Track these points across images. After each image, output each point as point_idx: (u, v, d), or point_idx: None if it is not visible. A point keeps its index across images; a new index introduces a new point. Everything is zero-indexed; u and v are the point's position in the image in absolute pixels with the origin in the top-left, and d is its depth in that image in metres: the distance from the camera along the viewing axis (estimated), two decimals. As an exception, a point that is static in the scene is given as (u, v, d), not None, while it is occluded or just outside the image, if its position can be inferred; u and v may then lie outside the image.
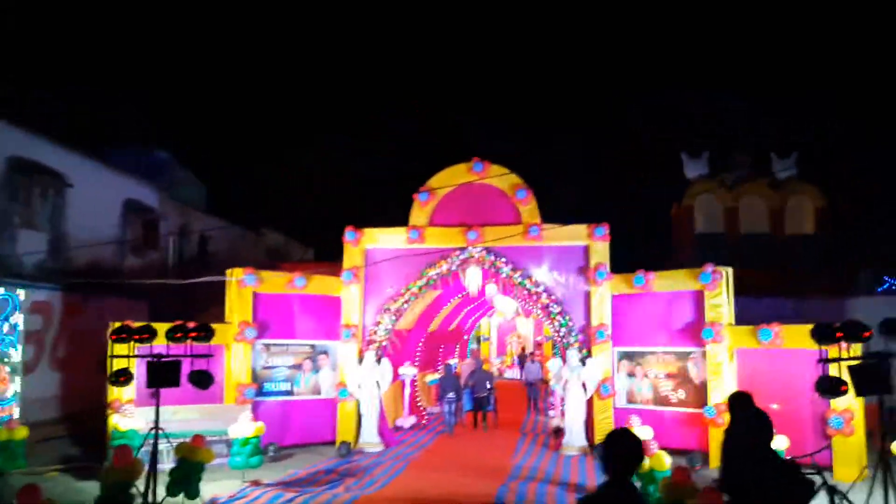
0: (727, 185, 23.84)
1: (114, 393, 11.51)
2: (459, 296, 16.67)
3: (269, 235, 29.39)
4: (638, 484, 8.51)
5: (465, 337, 27.33)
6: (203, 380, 8.51)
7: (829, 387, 7.14)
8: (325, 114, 49.33)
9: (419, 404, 18.30)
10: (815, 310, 18.90)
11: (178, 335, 8.62)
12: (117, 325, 11.17)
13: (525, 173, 14.72)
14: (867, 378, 7.17)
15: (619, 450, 3.68)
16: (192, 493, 8.68)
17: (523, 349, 30.28)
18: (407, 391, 17.13)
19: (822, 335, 7.26)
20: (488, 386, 16.57)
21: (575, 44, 51.12)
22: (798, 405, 11.67)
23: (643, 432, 10.19)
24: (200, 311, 16.13)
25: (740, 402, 5.44)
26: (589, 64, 50.93)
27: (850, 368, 7.25)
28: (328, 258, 21.12)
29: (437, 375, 20.60)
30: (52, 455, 12.51)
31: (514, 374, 29.50)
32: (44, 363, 15.12)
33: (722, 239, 23.12)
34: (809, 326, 11.81)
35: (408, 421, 16.70)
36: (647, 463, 8.24)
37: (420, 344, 17.83)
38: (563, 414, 15.80)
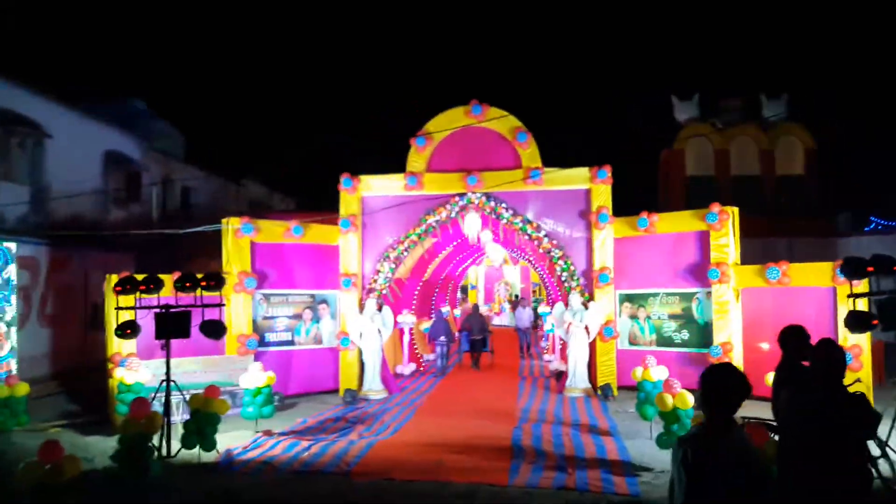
0: (718, 128, 23.68)
1: (114, 346, 11.21)
2: (454, 243, 16.47)
3: (251, 187, 28.75)
4: (661, 423, 8.52)
5: (456, 285, 27.35)
6: (216, 329, 8.29)
7: (860, 321, 7.10)
8: (310, 57, 48.02)
9: (416, 352, 18.25)
10: (806, 250, 19.08)
11: (188, 285, 8.30)
12: (115, 277, 10.81)
13: (524, 116, 14.38)
14: (893, 313, 7.17)
15: (722, 386, 3.38)
16: (208, 444, 8.51)
17: (516, 296, 30.33)
18: (406, 339, 17.04)
19: (853, 270, 7.18)
20: (485, 328, 17.88)
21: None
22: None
23: (659, 372, 10.19)
24: (185, 262, 15.75)
25: (794, 335, 5.32)
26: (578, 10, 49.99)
27: (879, 303, 7.24)
28: (310, 209, 20.75)
29: (430, 323, 20.66)
30: (52, 411, 12.25)
31: (501, 320, 29.55)
32: (33, 319, 14.73)
33: (713, 181, 23.08)
34: (815, 264, 12.03)
35: (408, 368, 16.68)
36: (670, 401, 8.21)
37: (416, 292, 17.69)
38: (563, 357, 15.91)
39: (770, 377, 10.06)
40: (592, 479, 7.81)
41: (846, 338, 10.74)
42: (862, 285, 10.16)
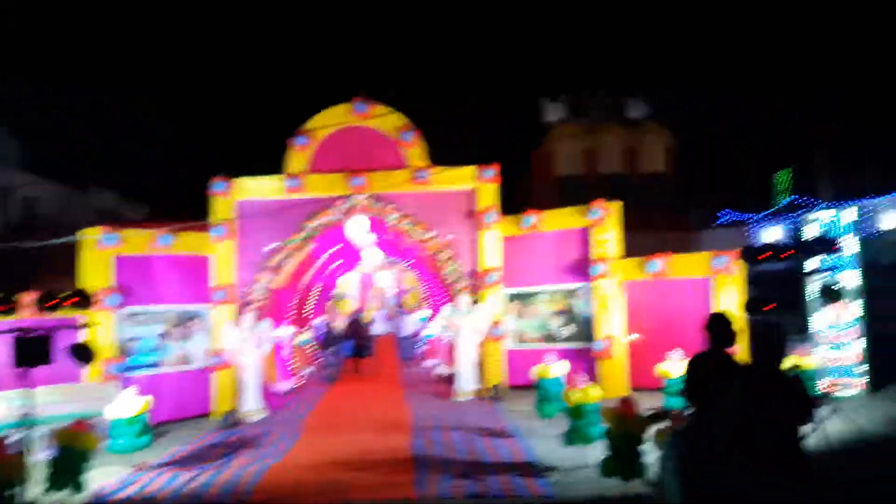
0: (585, 128, 24.58)
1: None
2: (334, 248, 15.86)
3: (101, 194, 26.46)
4: (568, 418, 8.44)
5: (328, 293, 26.51)
6: (87, 353, 7.26)
7: (755, 306, 7.38)
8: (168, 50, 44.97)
9: (295, 366, 17.39)
10: (670, 243, 20.13)
11: (50, 304, 7.23)
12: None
13: (410, 114, 14.04)
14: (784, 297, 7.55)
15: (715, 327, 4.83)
16: (77, 485, 7.44)
17: (399, 305, 29.83)
18: (283, 353, 16.16)
19: (750, 256, 7.48)
20: (367, 334, 18.34)
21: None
22: (684, 332, 12.18)
23: (560, 368, 10.19)
24: (32, 282, 14.09)
25: (719, 322, 5.28)
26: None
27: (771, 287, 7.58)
28: (168, 216, 19.25)
29: (308, 335, 19.83)
30: None
31: (377, 329, 28.97)
32: None
33: (582, 180, 23.90)
34: (693, 255, 12.58)
35: (286, 384, 15.79)
36: (574, 397, 8.16)
37: (294, 302, 16.88)
38: (448, 360, 15.74)
39: (661, 367, 10.43)
40: (504, 483, 7.59)
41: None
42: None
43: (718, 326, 4.98)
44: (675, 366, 10.12)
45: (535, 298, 13.83)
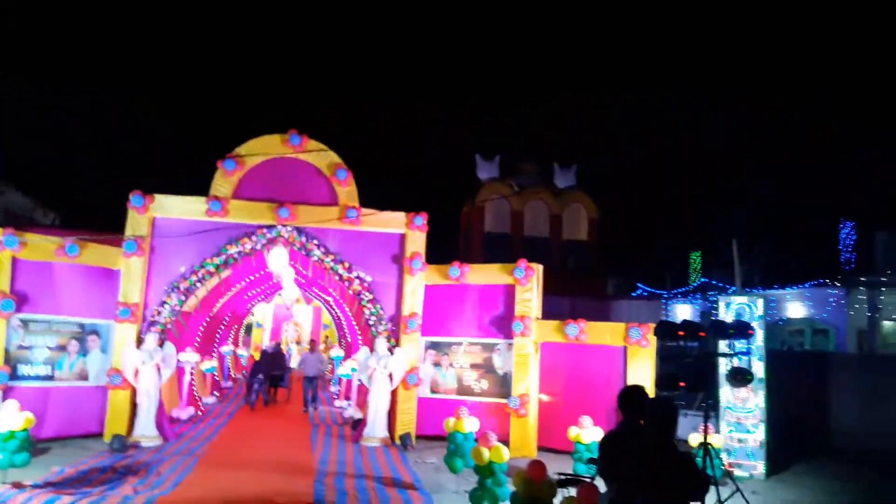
0: (515, 190, 25.14)
1: None
2: (250, 277, 15.38)
3: (11, 195, 24.92)
4: (476, 478, 8.29)
5: (240, 322, 25.61)
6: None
7: (667, 383, 7.51)
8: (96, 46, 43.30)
9: (196, 394, 16.57)
10: (586, 309, 20.59)
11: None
12: None
13: (346, 155, 13.98)
14: (694, 374, 7.73)
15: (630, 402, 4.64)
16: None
17: (312, 341, 29.09)
18: (186, 379, 15.39)
19: (666, 332, 7.62)
20: (284, 365, 19.24)
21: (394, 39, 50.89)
22: (596, 397, 12.41)
23: (470, 424, 10.07)
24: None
25: (636, 396, 5.27)
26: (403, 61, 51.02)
27: (683, 366, 7.75)
28: (77, 226, 18.30)
29: (214, 363, 19.07)
30: None
31: (292, 362, 28.19)
32: None
33: (508, 239, 24.30)
34: (610, 324, 12.85)
35: (185, 412, 14.99)
36: (486, 455, 8.05)
37: (202, 328, 16.17)
38: (358, 404, 15.36)
39: (573, 432, 10.48)
40: (404, 539, 7.35)
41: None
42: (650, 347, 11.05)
43: (635, 401, 4.84)
44: (586, 432, 10.18)
45: (453, 349, 13.77)
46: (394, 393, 13.23)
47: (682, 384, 7.38)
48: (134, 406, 12.26)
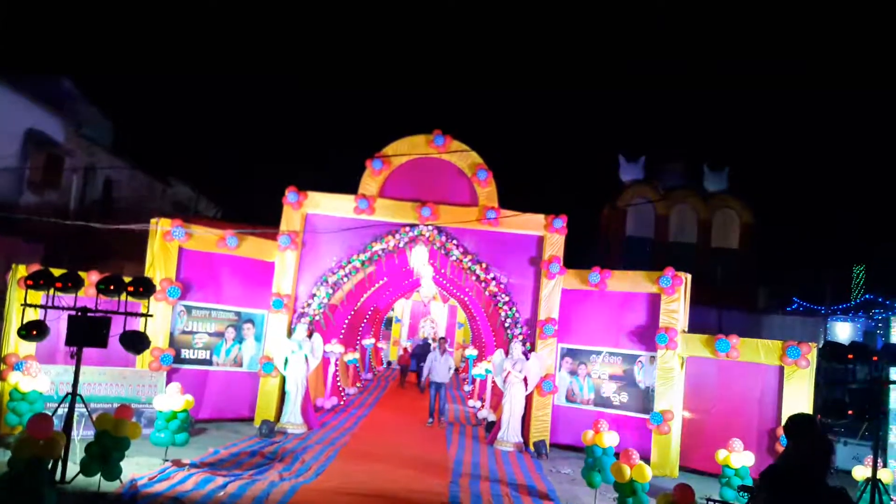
0: (660, 193, 24.06)
1: (10, 346, 9.84)
2: (392, 274, 15.75)
3: (179, 187, 27.13)
4: (614, 494, 7.99)
5: (382, 317, 26.42)
6: (139, 342, 7.24)
7: (835, 410, 6.83)
8: (261, 58, 46.44)
9: (339, 385, 17.26)
10: (734, 322, 19.38)
11: (112, 288, 7.25)
12: (23, 268, 9.55)
13: (487, 155, 13.95)
14: (863, 401, 6.97)
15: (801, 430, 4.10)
16: (112, 472, 7.36)
17: (442, 338, 29.64)
18: (331, 370, 16.06)
19: (833, 354, 6.94)
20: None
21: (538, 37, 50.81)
22: (746, 419, 11.63)
23: (610, 438, 9.70)
24: (100, 262, 14.41)
25: (807, 425, 4.77)
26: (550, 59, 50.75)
27: (851, 391, 7.02)
28: (236, 219, 19.59)
29: (356, 355, 19.76)
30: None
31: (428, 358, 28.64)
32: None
33: (650, 244, 23.33)
34: (765, 341, 11.94)
35: (329, 402, 15.66)
36: (628, 473, 7.71)
37: (347, 321, 16.79)
38: (493, 406, 15.31)
39: (722, 454, 9.82)
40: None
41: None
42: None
43: (805, 430, 4.28)
44: (737, 456, 9.50)
45: (591, 358, 13.36)
46: (528, 398, 13.05)
47: (850, 412, 6.68)
48: (282, 394, 12.89)
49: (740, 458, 9.47)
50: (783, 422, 10.89)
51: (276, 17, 47.85)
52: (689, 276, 12.79)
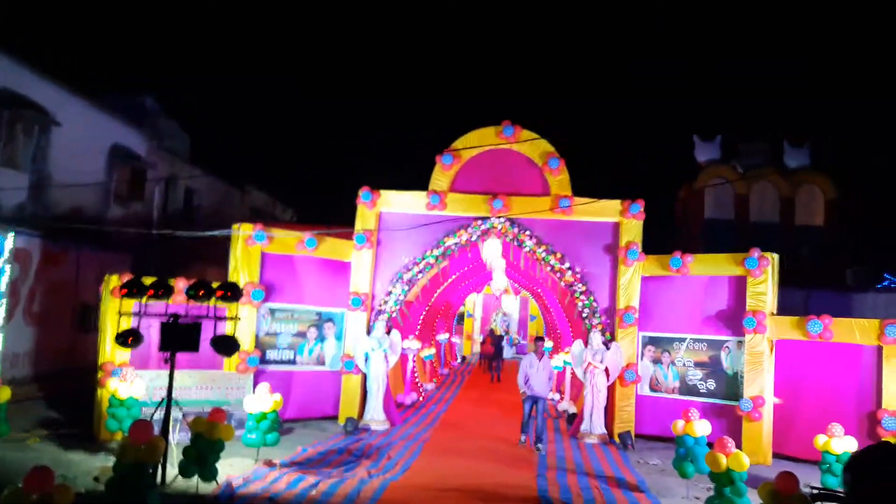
0: (739, 172, 23.19)
1: (106, 353, 10.34)
2: (465, 268, 15.74)
3: (255, 194, 27.97)
4: (712, 485, 7.76)
5: (454, 312, 26.51)
6: (229, 345, 7.48)
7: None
8: (328, 65, 47.29)
9: (417, 381, 17.42)
10: (823, 303, 18.47)
11: (202, 293, 7.51)
12: (115, 277, 10.00)
13: (557, 143, 13.75)
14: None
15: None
16: (209, 474, 7.65)
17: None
18: (409, 366, 16.22)
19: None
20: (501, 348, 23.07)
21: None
22: (841, 403, 11.09)
23: (702, 427, 9.42)
24: (183, 268, 14.99)
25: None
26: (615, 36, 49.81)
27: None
28: (310, 220, 20.01)
29: (432, 351, 19.91)
30: (31, 418, 11.33)
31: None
32: (18, 315, 13.79)
33: (730, 225, 22.52)
34: (860, 321, 11.35)
35: (409, 397, 15.84)
36: (724, 462, 7.46)
37: (422, 317, 16.91)
38: (573, 398, 15.12)
39: (821, 440, 9.39)
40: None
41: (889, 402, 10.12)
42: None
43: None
44: (838, 441, 9.06)
45: (675, 346, 13.01)
46: (610, 389, 12.82)
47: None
48: (364, 391, 13.08)
49: (842, 443, 9.03)
50: (881, 405, 10.35)
51: (337, 20, 48.60)
52: (777, 257, 12.28)
